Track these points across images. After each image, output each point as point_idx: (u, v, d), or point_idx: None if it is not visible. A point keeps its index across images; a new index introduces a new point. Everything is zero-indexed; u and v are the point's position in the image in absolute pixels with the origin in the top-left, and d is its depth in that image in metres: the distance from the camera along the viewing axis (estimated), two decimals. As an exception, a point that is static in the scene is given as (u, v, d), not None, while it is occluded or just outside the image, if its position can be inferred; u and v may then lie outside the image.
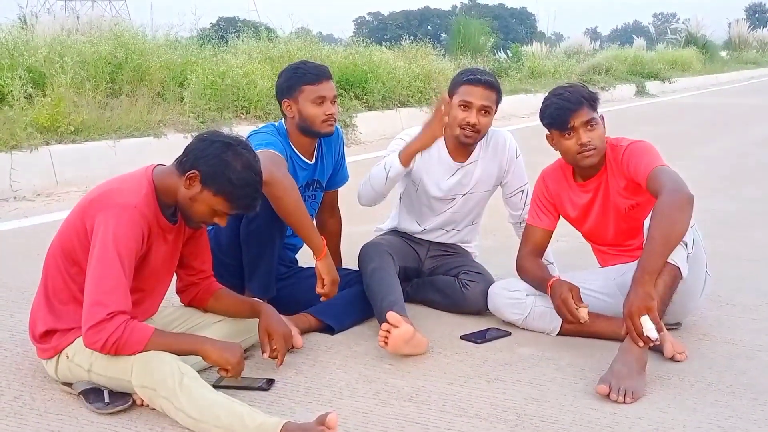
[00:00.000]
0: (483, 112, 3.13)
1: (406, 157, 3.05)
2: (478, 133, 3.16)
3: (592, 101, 2.91)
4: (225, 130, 2.54)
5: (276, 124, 3.15)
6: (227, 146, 2.39)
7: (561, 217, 3.18)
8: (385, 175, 3.09)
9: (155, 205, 2.42)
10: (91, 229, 2.33)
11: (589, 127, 2.90)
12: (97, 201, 2.38)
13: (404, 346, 2.78)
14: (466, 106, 3.12)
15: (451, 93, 3.18)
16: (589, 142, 2.90)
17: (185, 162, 2.41)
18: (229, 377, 2.44)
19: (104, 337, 2.23)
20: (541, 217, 3.14)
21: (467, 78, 3.16)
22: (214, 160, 2.37)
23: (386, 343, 2.75)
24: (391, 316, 2.76)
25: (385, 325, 2.75)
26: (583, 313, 2.79)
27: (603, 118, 2.97)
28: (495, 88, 3.17)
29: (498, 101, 3.19)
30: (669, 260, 2.60)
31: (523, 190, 3.38)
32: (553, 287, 2.87)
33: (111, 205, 2.33)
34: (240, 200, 2.41)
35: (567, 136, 2.92)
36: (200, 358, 2.51)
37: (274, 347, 2.62)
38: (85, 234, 2.36)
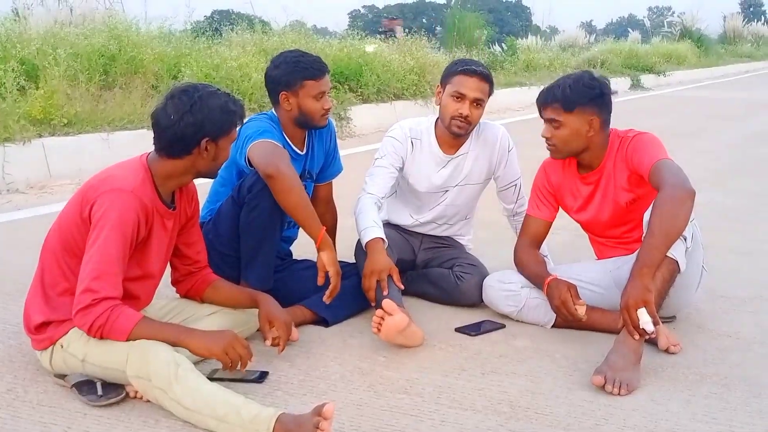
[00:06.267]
0: (475, 104, 3.12)
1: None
2: (470, 124, 3.15)
3: (565, 102, 2.86)
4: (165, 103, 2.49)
5: (269, 113, 3.15)
6: (199, 99, 2.37)
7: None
8: (359, 234, 3.10)
9: (152, 190, 2.42)
10: (90, 217, 2.32)
11: (553, 124, 2.90)
12: (93, 188, 2.37)
13: (397, 336, 2.77)
14: (460, 97, 3.11)
15: (444, 82, 3.17)
16: (548, 138, 2.94)
17: (181, 143, 2.38)
18: (228, 370, 2.41)
19: (90, 321, 2.24)
20: (540, 208, 3.13)
21: (462, 69, 3.13)
22: (210, 115, 2.36)
23: (379, 330, 2.75)
24: (386, 303, 2.74)
25: (379, 312, 2.74)
26: (581, 312, 2.80)
27: (593, 122, 2.88)
28: (489, 80, 3.15)
29: (490, 93, 3.17)
30: (667, 254, 2.59)
31: (516, 184, 3.38)
32: (551, 287, 2.86)
33: (107, 190, 2.33)
34: (241, 114, 2.48)
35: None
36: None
37: (276, 335, 2.62)
38: (84, 223, 2.35)
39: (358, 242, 3.17)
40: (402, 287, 2.97)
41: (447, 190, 3.33)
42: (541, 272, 2.98)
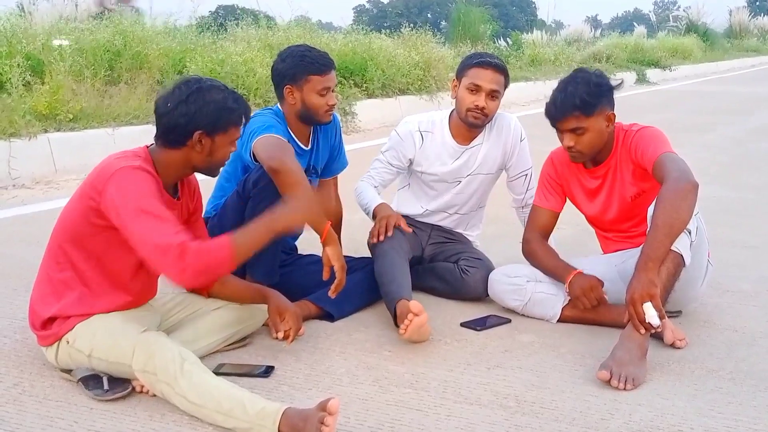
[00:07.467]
0: (491, 96, 3.13)
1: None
2: (486, 116, 3.17)
3: (585, 108, 2.81)
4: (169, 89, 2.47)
5: (274, 108, 3.15)
6: (197, 91, 2.36)
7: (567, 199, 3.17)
8: (365, 210, 3.27)
9: (157, 178, 2.40)
10: (104, 204, 2.27)
11: (577, 132, 2.86)
12: (99, 176, 2.33)
13: (416, 333, 2.78)
14: (476, 89, 3.13)
15: (460, 76, 3.19)
16: (572, 147, 2.90)
17: (175, 132, 2.38)
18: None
19: (188, 272, 2.19)
20: (548, 198, 3.13)
21: (477, 61, 3.15)
22: (204, 108, 2.35)
23: (405, 331, 2.74)
24: (414, 305, 2.75)
25: (410, 315, 2.73)
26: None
27: (611, 117, 2.88)
28: (504, 73, 3.18)
29: (506, 85, 3.19)
30: (672, 248, 2.59)
31: (526, 174, 3.39)
32: (575, 282, 2.90)
33: (116, 172, 2.28)
34: (241, 112, 2.43)
35: (558, 133, 2.93)
36: (200, 346, 2.52)
37: (288, 327, 2.63)
38: (94, 213, 2.31)
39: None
40: (409, 230, 3.15)
41: (459, 181, 3.34)
42: (559, 264, 2.99)
